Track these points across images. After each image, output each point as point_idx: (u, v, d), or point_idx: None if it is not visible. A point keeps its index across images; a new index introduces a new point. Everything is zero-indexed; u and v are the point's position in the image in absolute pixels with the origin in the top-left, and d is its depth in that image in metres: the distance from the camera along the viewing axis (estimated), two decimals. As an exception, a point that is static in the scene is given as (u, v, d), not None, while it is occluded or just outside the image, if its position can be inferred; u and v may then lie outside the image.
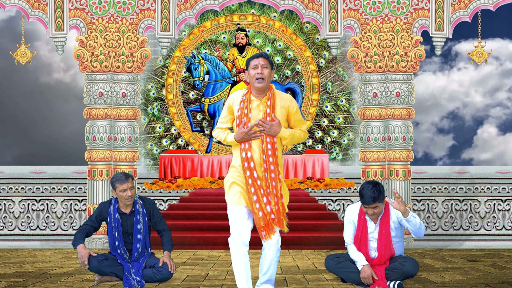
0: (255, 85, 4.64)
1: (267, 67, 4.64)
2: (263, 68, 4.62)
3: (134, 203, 5.68)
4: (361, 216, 5.47)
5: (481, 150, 16.38)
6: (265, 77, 4.62)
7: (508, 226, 9.67)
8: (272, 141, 4.59)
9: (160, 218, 5.78)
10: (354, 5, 8.94)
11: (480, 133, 16.39)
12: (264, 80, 4.61)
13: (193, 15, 9.04)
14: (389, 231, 5.40)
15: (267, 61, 4.65)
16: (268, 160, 4.58)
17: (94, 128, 8.96)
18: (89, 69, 8.98)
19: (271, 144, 4.59)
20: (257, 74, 4.60)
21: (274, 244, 4.65)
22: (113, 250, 5.67)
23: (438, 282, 5.72)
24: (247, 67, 4.71)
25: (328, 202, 10.19)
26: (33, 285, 5.66)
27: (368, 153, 9.00)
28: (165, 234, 5.77)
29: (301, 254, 8.06)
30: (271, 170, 4.59)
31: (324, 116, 13.81)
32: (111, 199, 5.72)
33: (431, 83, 16.41)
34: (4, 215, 9.70)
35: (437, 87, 16.45)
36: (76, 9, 8.95)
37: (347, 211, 5.61)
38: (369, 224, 5.45)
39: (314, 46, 13.78)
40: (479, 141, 16.44)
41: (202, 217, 9.72)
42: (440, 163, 16.30)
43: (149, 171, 13.41)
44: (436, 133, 16.67)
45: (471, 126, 16.45)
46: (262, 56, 4.65)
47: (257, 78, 4.61)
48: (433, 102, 16.61)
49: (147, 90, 13.67)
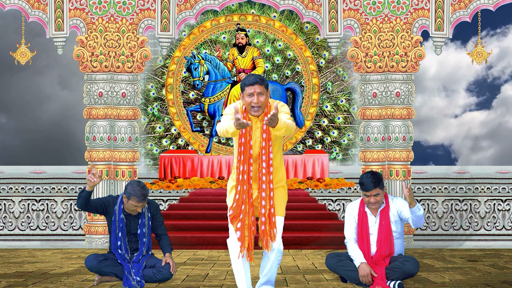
0: (251, 113, 4.52)
1: (263, 93, 4.46)
2: (259, 95, 4.46)
3: None
4: (361, 209, 5.49)
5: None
6: (262, 105, 4.48)
7: (508, 226, 9.68)
8: (268, 157, 4.52)
9: (161, 223, 5.80)
10: (354, 5, 8.94)
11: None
12: (260, 108, 4.48)
13: (193, 15, 9.04)
14: (389, 223, 5.41)
15: (262, 87, 4.46)
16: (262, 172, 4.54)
17: (94, 128, 8.96)
18: (89, 69, 8.98)
19: (267, 158, 4.52)
20: (253, 103, 4.46)
21: (277, 246, 4.61)
22: (114, 249, 5.66)
23: (438, 282, 5.72)
24: (242, 90, 4.53)
25: (328, 202, 10.19)
26: (33, 285, 5.66)
27: (368, 153, 9.00)
28: (164, 238, 5.79)
29: (301, 254, 8.06)
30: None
31: (324, 116, 13.81)
32: (118, 197, 5.70)
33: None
34: (4, 215, 9.70)
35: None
36: (76, 9, 8.95)
37: (347, 208, 5.64)
38: (369, 218, 5.47)
39: (314, 46, 13.78)
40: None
41: (202, 217, 9.72)
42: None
43: (149, 171, 13.40)
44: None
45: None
46: (258, 82, 4.45)
47: (253, 106, 4.48)
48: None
49: (147, 90, 13.67)
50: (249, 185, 4.55)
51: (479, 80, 16.37)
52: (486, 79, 16.38)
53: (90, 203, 5.56)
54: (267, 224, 4.54)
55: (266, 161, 4.53)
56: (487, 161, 16.09)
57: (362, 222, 5.46)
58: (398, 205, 5.44)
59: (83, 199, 5.47)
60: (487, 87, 16.41)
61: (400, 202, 5.47)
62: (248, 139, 4.54)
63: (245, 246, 4.54)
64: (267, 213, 4.53)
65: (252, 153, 4.57)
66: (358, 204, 5.56)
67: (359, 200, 5.57)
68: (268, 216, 4.53)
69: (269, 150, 4.53)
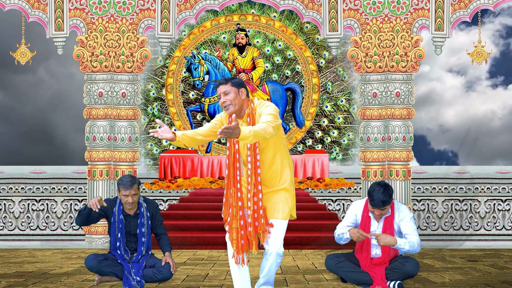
0: (227, 112, 4.62)
1: (229, 91, 4.54)
2: (226, 95, 4.55)
3: (139, 206, 5.67)
4: (364, 214, 5.47)
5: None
6: (230, 102, 4.55)
7: (508, 226, 9.67)
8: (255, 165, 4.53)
9: (160, 222, 5.80)
10: (354, 5, 8.94)
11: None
12: (230, 105, 4.56)
13: (193, 15, 9.04)
14: (393, 231, 5.40)
15: (227, 85, 4.55)
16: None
17: (94, 128, 8.96)
18: (89, 69, 8.98)
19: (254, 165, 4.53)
20: (222, 103, 4.57)
21: (276, 250, 4.57)
22: (114, 250, 5.66)
23: (438, 282, 5.72)
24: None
25: (328, 202, 10.20)
26: (33, 285, 5.66)
27: (368, 153, 9.00)
28: (164, 238, 5.79)
29: (301, 254, 8.06)
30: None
31: (324, 116, 13.81)
32: (116, 198, 5.71)
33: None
34: (4, 215, 9.70)
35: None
36: (76, 9, 8.95)
37: (352, 204, 5.62)
38: (372, 223, 5.45)
39: (314, 46, 13.78)
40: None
41: (202, 217, 9.72)
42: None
43: (149, 171, 13.41)
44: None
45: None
46: (221, 83, 4.58)
47: (224, 106, 4.59)
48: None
49: (147, 90, 13.67)
50: (236, 188, 4.57)
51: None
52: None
53: (90, 217, 5.59)
54: (251, 226, 4.54)
55: (252, 163, 4.53)
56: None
57: (364, 226, 5.44)
58: (401, 218, 5.40)
59: (84, 216, 5.49)
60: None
61: (403, 215, 5.41)
62: (234, 142, 4.59)
63: (234, 249, 4.54)
64: (252, 215, 4.53)
65: (241, 156, 4.61)
66: (363, 206, 5.52)
67: (365, 201, 5.54)
68: (253, 218, 4.53)
69: (255, 152, 4.54)
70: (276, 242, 4.54)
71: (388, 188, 5.26)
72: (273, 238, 4.53)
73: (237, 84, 4.58)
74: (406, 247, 5.26)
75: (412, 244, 5.26)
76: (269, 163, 4.58)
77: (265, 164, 4.58)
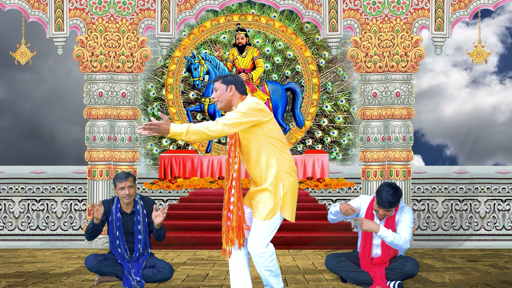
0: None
1: (218, 87, 4.59)
2: (215, 91, 4.61)
3: (135, 203, 5.68)
4: (369, 211, 5.46)
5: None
6: (218, 98, 4.62)
7: (508, 226, 9.67)
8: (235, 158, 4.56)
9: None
10: (354, 5, 8.94)
11: None
12: (217, 101, 4.63)
13: (193, 15, 9.04)
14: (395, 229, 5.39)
15: (218, 82, 4.60)
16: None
17: (94, 128, 8.96)
18: (89, 69, 8.98)
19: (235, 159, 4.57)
20: (212, 98, 4.66)
21: (251, 250, 4.49)
22: (114, 249, 5.67)
23: (438, 282, 5.72)
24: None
25: (328, 202, 10.19)
26: (33, 285, 5.66)
27: (368, 153, 9.00)
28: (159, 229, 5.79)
29: (301, 254, 8.06)
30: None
31: (324, 116, 13.81)
32: (114, 198, 5.72)
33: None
34: (4, 215, 9.70)
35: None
36: (76, 9, 8.95)
37: (361, 196, 5.63)
38: (375, 219, 5.45)
39: (314, 46, 13.78)
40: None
41: (202, 217, 9.72)
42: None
43: (149, 171, 13.41)
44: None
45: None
46: (214, 80, 4.65)
47: (215, 102, 4.67)
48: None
49: (147, 90, 13.67)
50: (225, 188, 4.62)
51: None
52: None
53: (98, 228, 5.66)
54: (224, 222, 4.56)
55: (232, 158, 4.59)
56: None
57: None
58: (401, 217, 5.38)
59: (95, 232, 5.58)
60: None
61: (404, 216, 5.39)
62: (231, 142, 4.69)
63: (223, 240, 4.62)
64: (224, 212, 4.57)
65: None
66: (369, 202, 5.50)
67: (372, 197, 5.51)
68: (226, 215, 4.56)
69: (234, 151, 4.57)
70: (252, 242, 4.48)
71: (398, 191, 5.25)
72: (250, 237, 4.51)
73: (227, 81, 4.61)
74: (389, 237, 5.18)
75: (398, 238, 5.20)
76: (254, 162, 4.55)
77: (250, 163, 4.58)
